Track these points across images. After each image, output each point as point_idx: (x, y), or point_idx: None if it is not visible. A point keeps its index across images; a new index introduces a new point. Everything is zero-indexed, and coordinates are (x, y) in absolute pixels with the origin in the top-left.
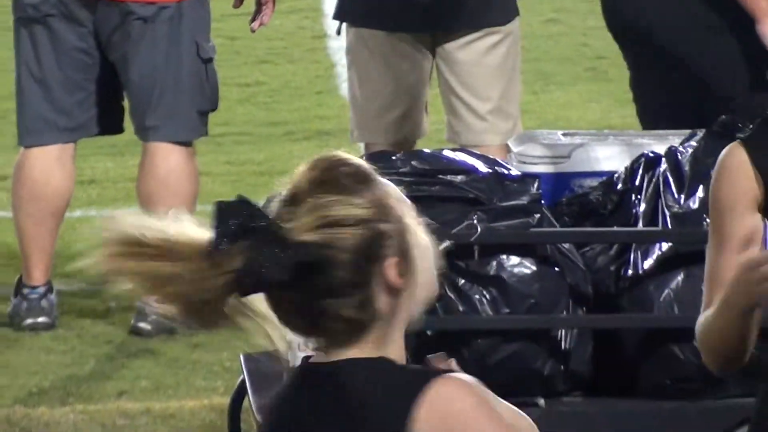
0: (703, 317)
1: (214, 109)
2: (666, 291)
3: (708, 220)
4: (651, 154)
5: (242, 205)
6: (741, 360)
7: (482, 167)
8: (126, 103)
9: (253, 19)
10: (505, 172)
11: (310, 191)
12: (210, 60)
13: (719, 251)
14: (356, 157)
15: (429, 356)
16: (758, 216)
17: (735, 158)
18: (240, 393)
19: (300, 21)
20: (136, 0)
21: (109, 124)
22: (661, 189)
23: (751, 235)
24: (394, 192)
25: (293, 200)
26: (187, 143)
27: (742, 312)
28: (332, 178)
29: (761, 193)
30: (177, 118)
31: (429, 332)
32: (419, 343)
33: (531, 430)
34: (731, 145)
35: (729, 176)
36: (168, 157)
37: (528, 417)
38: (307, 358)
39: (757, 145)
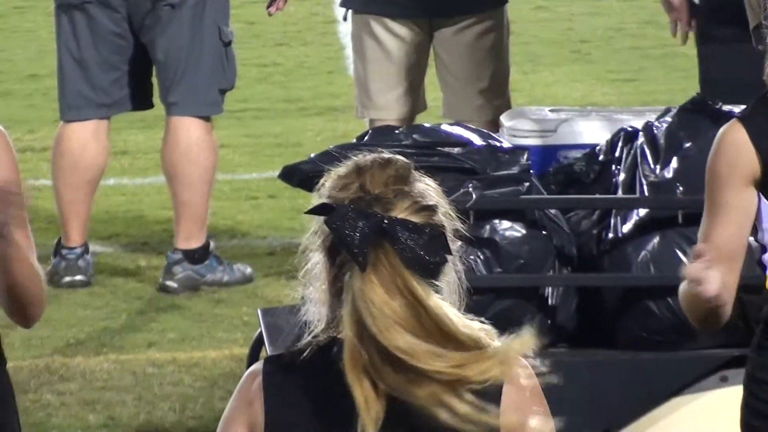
0: (684, 285)
1: (231, 87)
2: (643, 252)
3: (681, 188)
4: (629, 129)
5: (350, 210)
6: (719, 325)
7: (477, 140)
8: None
9: (270, 5)
10: (498, 144)
11: (391, 184)
12: (230, 43)
13: (712, 219)
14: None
15: None
16: (753, 191)
17: (734, 136)
18: (258, 344)
19: (312, 7)
20: None
21: (141, 101)
22: (639, 160)
23: (744, 208)
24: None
25: (377, 194)
26: (206, 118)
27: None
28: (406, 173)
29: (759, 169)
30: (197, 95)
31: None
32: None
33: None
34: (730, 122)
35: (727, 152)
36: (189, 130)
37: None
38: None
39: (755, 123)
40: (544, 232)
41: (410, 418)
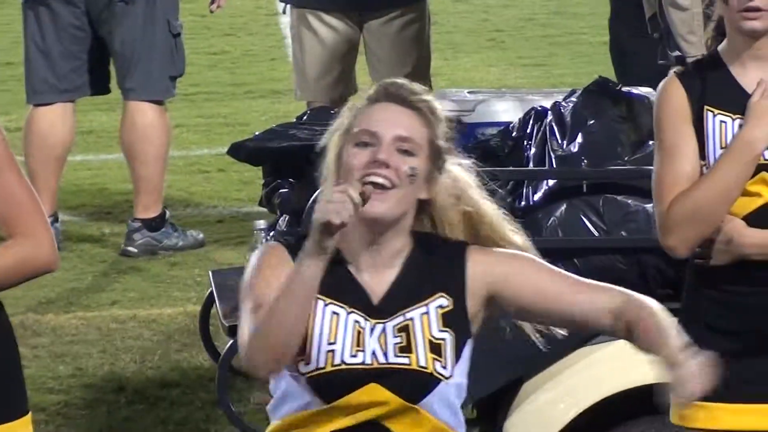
0: (681, 198)
1: (181, 74)
2: (552, 218)
3: (585, 161)
4: (539, 108)
5: None
6: (713, 228)
7: None
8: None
9: (212, 2)
10: None
11: None
12: (178, 35)
13: (668, 160)
14: None
15: None
16: (692, 128)
17: (672, 86)
18: (209, 302)
19: (257, 1)
20: None
21: (99, 87)
22: (548, 136)
23: (688, 144)
24: None
25: None
26: (159, 102)
27: (757, 148)
28: None
29: (691, 111)
30: (151, 82)
31: None
32: None
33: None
34: (668, 78)
35: (670, 98)
36: (144, 113)
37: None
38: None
39: (688, 76)
40: None
41: None
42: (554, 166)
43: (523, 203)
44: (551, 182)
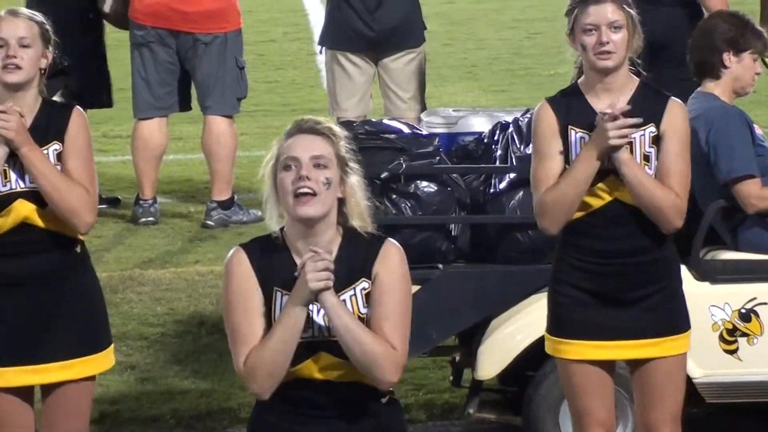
0: (551, 190)
1: (245, 96)
2: (513, 201)
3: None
4: (504, 122)
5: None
6: (570, 216)
7: (406, 129)
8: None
9: None
10: (419, 132)
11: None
12: (243, 68)
13: (542, 162)
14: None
15: None
16: (558, 139)
17: (544, 109)
18: None
19: (300, 45)
20: (200, 32)
21: (184, 105)
22: (510, 142)
23: (555, 150)
24: None
25: None
26: (229, 116)
27: (599, 156)
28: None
29: (558, 127)
30: (223, 102)
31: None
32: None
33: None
34: (541, 104)
35: (544, 118)
36: (218, 124)
37: None
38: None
39: (557, 102)
40: (449, 189)
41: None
42: (514, 164)
43: (492, 190)
44: (512, 175)
